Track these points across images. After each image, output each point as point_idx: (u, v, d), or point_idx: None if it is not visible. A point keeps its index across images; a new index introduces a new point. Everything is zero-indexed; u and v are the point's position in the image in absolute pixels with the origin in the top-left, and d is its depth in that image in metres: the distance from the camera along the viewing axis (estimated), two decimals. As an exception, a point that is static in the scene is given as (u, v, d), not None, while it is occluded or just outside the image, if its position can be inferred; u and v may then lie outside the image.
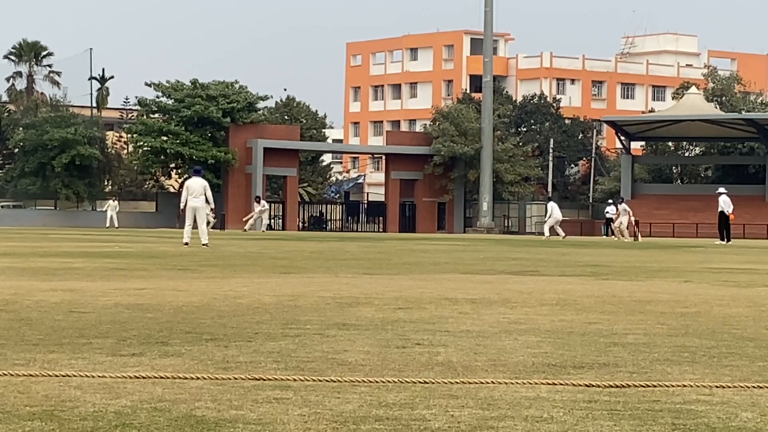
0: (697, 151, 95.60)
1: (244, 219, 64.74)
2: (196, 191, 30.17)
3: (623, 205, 56.54)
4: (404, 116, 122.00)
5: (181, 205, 30.67)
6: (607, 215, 65.45)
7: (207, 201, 30.23)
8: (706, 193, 73.62)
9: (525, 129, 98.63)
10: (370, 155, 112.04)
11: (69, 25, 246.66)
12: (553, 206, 56.81)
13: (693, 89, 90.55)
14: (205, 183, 30.70)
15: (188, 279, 15.62)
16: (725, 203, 46.96)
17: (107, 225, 71.37)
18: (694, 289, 14.69)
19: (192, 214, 30.17)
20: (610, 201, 68.00)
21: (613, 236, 61.75)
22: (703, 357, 7.58)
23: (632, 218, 55.91)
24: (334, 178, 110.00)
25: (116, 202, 75.77)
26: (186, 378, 6.27)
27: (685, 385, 6.25)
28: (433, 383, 6.19)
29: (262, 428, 4.98)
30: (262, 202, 65.63)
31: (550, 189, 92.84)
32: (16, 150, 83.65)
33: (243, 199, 78.24)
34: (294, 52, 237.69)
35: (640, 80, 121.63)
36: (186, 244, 29.60)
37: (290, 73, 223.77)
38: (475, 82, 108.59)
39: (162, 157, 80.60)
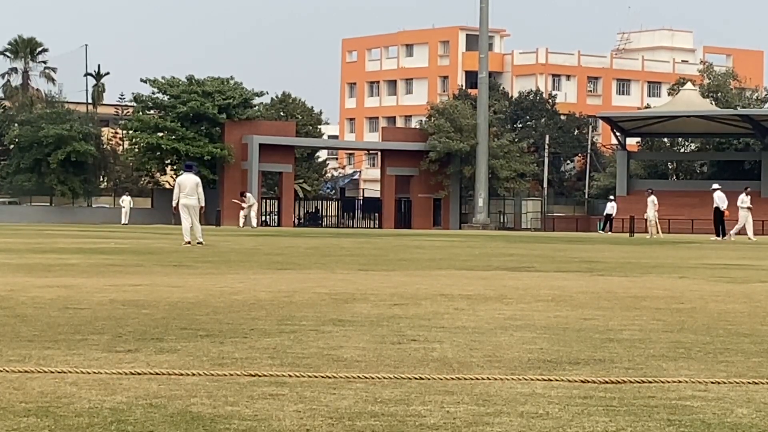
0: (692, 147, 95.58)
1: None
2: (189, 188, 29.11)
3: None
4: (400, 112, 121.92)
5: (174, 203, 29.50)
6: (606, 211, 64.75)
7: (198, 199, 28.95)
8: (702, 189, 73.63)
9: (520, 125, 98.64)
10: (366, 151, 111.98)
11: (64, 21, 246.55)
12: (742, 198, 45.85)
13: (688, 85, 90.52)
14: (198, 180, 29.60)
15: (184, 275, 15.61)
16: (720, 199, 46.91)
17: (123, 221, 71.26)
18: (690, 285, 14.70)
19: (188, 212, 29.30)
20: (611, 197, 67.68)
21: (609, 231, 61.76)
22: (698, 353, 7.58)
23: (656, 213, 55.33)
24: (329, 174, 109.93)
25: (129, 197, 75.80)
26: (181, 374, 6.27)
27: (680, 381, 6.25)
28: (429, 379, 6.19)
29: (258, 424, 4.97)
30: (249, 195, 65.86)
31: (545, 185, 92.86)
32: (12, 146, 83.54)
33: (239, 195, 78.24)
34: (289, 49, 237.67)
35: (635, 76, 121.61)
36: (188, 243, 28.41)
37: (286, 70, 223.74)
38: (471, 78, 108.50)
39: (158, 153, 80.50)
